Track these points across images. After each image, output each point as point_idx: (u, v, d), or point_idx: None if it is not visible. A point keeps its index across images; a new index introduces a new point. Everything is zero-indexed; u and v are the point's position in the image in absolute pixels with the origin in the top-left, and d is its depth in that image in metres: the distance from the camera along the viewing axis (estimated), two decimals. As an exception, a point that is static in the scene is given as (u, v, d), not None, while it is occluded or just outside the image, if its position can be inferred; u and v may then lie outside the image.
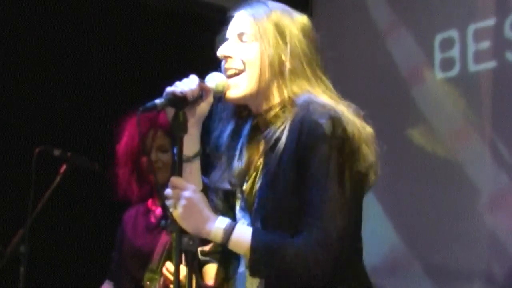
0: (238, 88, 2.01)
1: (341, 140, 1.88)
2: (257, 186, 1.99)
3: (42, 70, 4.31)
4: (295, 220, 1.89)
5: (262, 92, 2.00)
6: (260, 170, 2.00)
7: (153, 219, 3.45)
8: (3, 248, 3.07)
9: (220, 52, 2.03)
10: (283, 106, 1.98)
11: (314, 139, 1.87)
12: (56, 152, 3.22)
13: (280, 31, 1.99)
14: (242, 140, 2.10)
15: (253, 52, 1.99)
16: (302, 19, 2.06)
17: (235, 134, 2.10)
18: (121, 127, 3.46)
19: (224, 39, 2.07)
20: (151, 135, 3.34)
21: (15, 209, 3.31)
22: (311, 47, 2.02)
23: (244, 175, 2.03)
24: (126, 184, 3.43)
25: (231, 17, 2.08)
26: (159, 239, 3.31)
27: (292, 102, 1.97)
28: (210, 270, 3.11)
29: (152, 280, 3.23)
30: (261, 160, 2.01)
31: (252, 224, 1.98)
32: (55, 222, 4.07)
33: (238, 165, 2.05)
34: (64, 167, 3.24)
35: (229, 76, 2.02)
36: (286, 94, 1.98)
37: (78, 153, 3.28)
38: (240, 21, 2.05)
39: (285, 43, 1.99)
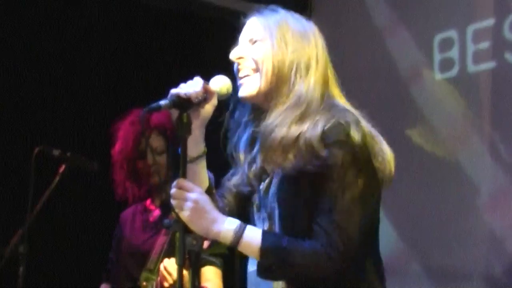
0: (251, 86, 2.02)
1: (358, 147, 1.90)
2: (273, 187, 1.99)
3: (42, 70, 4.30)
4: (309, 224, 1.90)
5: (274, 91, 2.00)
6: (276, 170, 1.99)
7: (151, 219, 3.44)
8: (2, 248, 3.07)
9: (233, 55, 2.05)
10: (297, 107, 1.97)
11: (332, 146, 1.88)
12: (55, 152, 3.22)
13: (287, 34, 2.01)
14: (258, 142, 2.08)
15: (264, 52, 2.01)
16: (310, 27, 2.08)
17: (253, 138, 2.09)
18: (114, 130, 3.45)
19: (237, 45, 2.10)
20: (145, 137, 3.33)
21: (14, 209, 3.30)
22: (317, 53, 2.04)
23: (260, 175, 2.03)
24: (123, 187, 3.43)
25: (243, 24, 2.10)
26: (157, 239, 3.31)
27: (306, 104, 1.97)
28: (207, 272, 3.11)
29: (149, 280, 3.23)
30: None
31: (268, 224, 2.00)
32: (54, 222, 4.07)
33: (254, 166, 2.05)
34: (63, 167, 3.24)
35: (242, 77, 2.03)
36: (297, 95, 1.98)
37: (77, 153, 3.28)
38: (251, 27, 2.07)
39: (291, 45, 2.00)
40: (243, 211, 2.08)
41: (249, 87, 2.02)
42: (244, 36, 2.07)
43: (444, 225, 4.00)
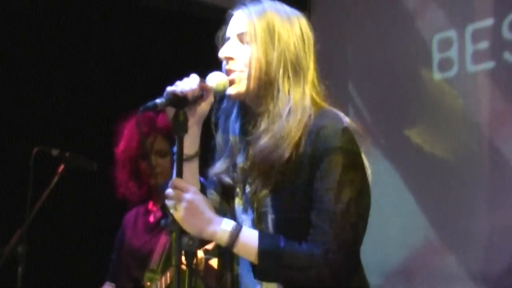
0: (240, 85, 1.99)
1: (353, 152, 1.91)
2: (265, 191, 1.97)
3: (42, 70, 4.30)
4: (304, 229, 1.90)
5: (262, 93, 1.98)
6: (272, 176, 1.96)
7: (151, 220, 3.45)
8: (1, 248, 3.06)
9: (222, 54, 2.02)
10: (288, 121, 1.94)
11: (330, 151, 1.89)
12: (54, 152, 3.22)
13: (272, 35, 1.97)
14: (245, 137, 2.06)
15: (251, 53, 1.98)
16: (298, 20, 2.03)
17: (241, 130, 2.07)
18: (119, 129, 3.46)
19: (224, 38, 2.06)
20: (150, 140, 3.34)
21: (13, 209, 3.30)
22: (305, 49, 2.01)
23: (247, 174, 2.01)
24: (125, 186, 3.44)
25: (231, 15, 2.07)
26: (159, 240, 3.32)
27: (293, 107, 1.95)
28: (215, 264, 3.11)
29: (153, 280, 3.24)
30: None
31: (255, 226, 1.98)
32: (53, 222, 4.07)
33: (241, 162, 2.04)
34: (62, 167, 3.23)
35: (231, 76, 2.01)
36: (284, 97, 1.96)
37: (76, 153, 3.28)
38: (238, 21, 2.03)
39: (276, 47, 1.97)
40: (227, 202, 2.07)
41: (238, 87, 1.99)
42: (232, 30, 2.04)
43: (444, 225, 4.00)
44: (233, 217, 2.02)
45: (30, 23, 4.28)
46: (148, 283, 3.26)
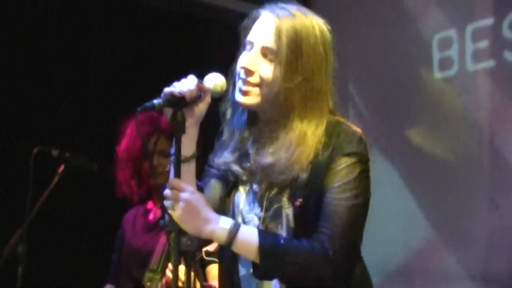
0: (253, 98, 1.99)
1: (366, 160, 1.96)
2: (276, 189, 1.99)
3: (42, 70, 4.31)
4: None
5: (275, 118, 2.00)
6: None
7: (152, 220, 3.45)
8: (1, 248, 3.06)
9: (243, 64, 2.00)
10: (297, 119, 1.97)
11: (347, 154, 1.93)
12: (54, 152, 3.22)
13: (298, 57, 1.96)
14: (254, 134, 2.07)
15: (273, 75, 1.96)
16: (323, 36, 2.03)
17: (249, 125, 2.08)
18: (122, 128, 3.46)
19: (246, 37, 2.03)
20: (153, 140, 3.35)
21: (13, 209, 3.30)
22: (327, 70, 2.02)
23: (253, 173, 2.02)
24: (126, 185, 3.44)
25: (258, 14, 2.04)
26: (159, 239, 3.32)
27: (303, 138, 1.96)
28: (214, 270, 3.11)
29: (153, 280, 3.24)
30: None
31: (263, 222, 2.00)
32: (53, 222, 4.07)
33: (250, 155, 2.04)
34: (62, 167, 3.23)
35: (245, 86, 2.00)
36: (297, 129, 1.96)
37: (76, 153, 3.28)
38: (265, 30, 1.99)
39: (300, 71, 1.96)
40: (228, 190, 2.08)
41: (252, 99, 2.00)
42: (257, 40, 2.00)
43: (444, 225, 3.99)
44: (233, 211, 2.04)
45: (30, 23, 4.28)
46: (148, 283, 3.26)
